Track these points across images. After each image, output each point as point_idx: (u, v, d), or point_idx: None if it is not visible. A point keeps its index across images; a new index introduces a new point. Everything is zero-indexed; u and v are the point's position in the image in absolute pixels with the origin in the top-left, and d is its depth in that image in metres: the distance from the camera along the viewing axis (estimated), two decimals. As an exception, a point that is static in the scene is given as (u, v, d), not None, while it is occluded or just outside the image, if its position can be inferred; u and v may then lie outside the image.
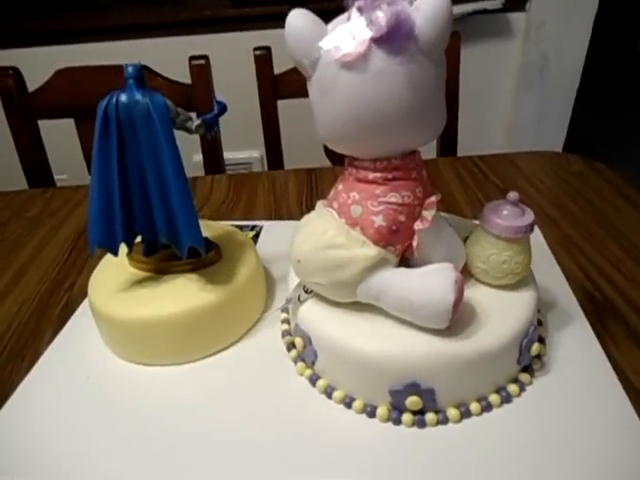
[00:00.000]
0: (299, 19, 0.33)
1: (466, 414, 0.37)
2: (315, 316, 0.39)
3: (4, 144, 0.94)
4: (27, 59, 1.01)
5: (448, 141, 0.92)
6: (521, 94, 1.45)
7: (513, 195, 0.39)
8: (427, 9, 0.31)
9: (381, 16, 0.30)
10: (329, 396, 0.39)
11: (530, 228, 0.38)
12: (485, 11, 1.32)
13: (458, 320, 0.36)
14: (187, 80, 0.86)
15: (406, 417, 0.37)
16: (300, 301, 0.41)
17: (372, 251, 0.36)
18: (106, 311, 0.42)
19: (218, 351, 0.44)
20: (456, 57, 0.86)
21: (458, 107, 0.90)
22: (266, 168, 0.96)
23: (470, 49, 1.36)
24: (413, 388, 0.36)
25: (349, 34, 0.31)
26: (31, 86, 0.86)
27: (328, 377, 0.40)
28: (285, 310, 0.47)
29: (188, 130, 0.40)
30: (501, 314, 0.38)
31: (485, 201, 0.67)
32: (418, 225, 0.36)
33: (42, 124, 0.89)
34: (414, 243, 0.37)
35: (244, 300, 0.46)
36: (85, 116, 0.87)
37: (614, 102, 2.47)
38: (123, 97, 0.37)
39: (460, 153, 0.91)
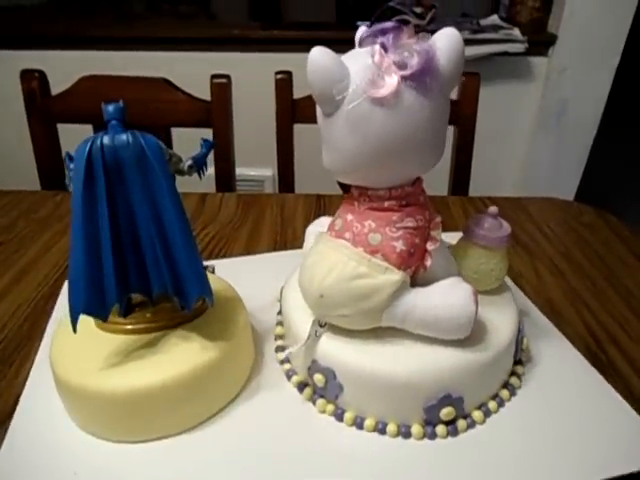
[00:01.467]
0: (324, 56, 0.33)
1: (487, 413, 0.40)
2: (337, 349, 0.39)
3: (22, 144, 0.95)
4: (53, 61, 1.03)
5: (461, 179, 0.92)
6: (537, 138, 1.45)
7: (493, 209, 0.43)
8: (446, 47, 0.33)
9: (413, 55, 0.32)
10: (360, 427, 0.39)
11: (510, 238, 0.44)
12: (507, 54, 1.33)
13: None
14: (207, 96, 0.87)
15: (440, 429, 0.38)
16: (317, 336, 0.40)
17: (396, 276, 0.36)
18: (79, 384, 0.36)
19: (217, 413, 0.40)
20: (475, 98, 0.87)
21: (473, 147, 0.90)
22: (277, 187, 0.96)
23: (490, 90, 1.37)
24: (446, 400, 0.37)
25: (378, 71, 0.33)
26: (54, 88, 0.88)
27: (355, 408, 0.39)
28: (280, 350, 0.46)
29: (180, 172, 0.37)
30: (498, 316, 0.42)
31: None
32: (430, 245, 0.38)
33: (60, 126, 0.90)
34: (427, 263, 0.38)
35: (238, 353, 0.42)
36: (104, 123, 0.88)
37: (631, 152, 2.47)
38: (107, 139, 0.32)
39: (472, 192, 0.91)
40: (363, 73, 0.33)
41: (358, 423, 0.39)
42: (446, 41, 0.33)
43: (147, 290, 0.38)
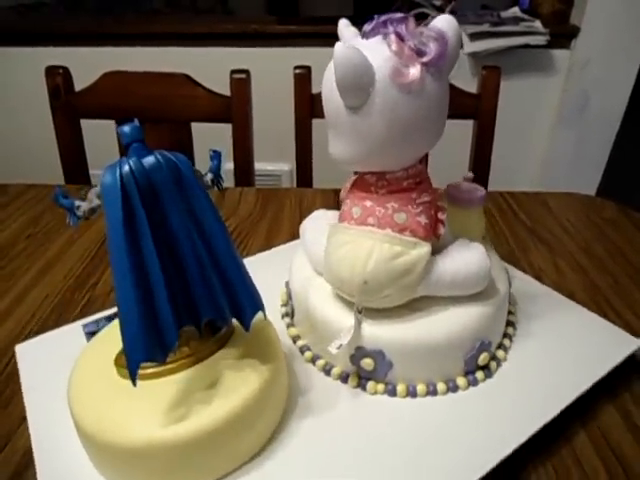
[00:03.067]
0: (350, 50, 0.33)
1: (506, 350, 0.46)
2: (382, 331, 0.40)
3: (46, 139, 0.97)
4: (76, 58, 1.05)
5: (480, 174, 0.91)
6: (559, 132, 1.43)
7: (469, 175, 0.48)
8: (450, 33, 0.35)
9: (429, 42, 0.34)
10: (413, 395, 0.41)
11: (484, 198, 0.49)
12: (528, 46, 1.31)
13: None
14: (226, 90, 0.88)
15: (479, 374, 0.42)
16: (359, 323, 0.41)
17: (425, 247, 0.39)
18: (114, 441, 0.32)
19: (272, 436, 0.37)
20: (495, 92, 0.86)
21: (493, 140, 0.89)
22: (295, 182, 0.97)
23: (510, 83, 1.35)
24: (482, 347, 0.42)
25: (400, 60, 0.34)
26: (78, 84, 0.90)
27: (405, 379, 0.41)
28: (306, 350, 0.45)
29: (206, 186, 0.35)
30: (494, 271, 0.44)
31: (511, 239, 0.67)
32: (441, 215, 0.42)
33: (84, 122, 0.92)
34: (441, 231, 0.41)
35: (278, 375, 0.38)
36: (125, 119, 0.90)
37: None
38: (136, 164, 0.28)
39: (492, 185, 0.90)
40: (385, 63, 0.34)
41: (411, 392, 0.41)
42: (448, 27, 0.35)
43: (197, 319, 0.34)
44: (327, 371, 0.43)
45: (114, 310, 0.46)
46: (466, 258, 0.41)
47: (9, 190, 0.79)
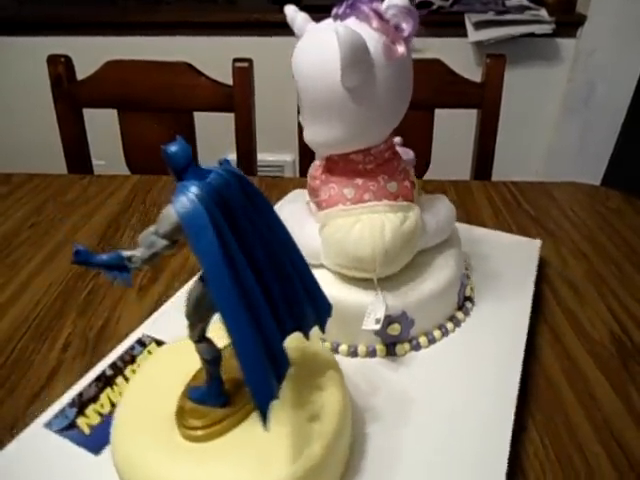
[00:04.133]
0: (350, 30, 0.34)
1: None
2: (399, 294, 0.43)
3: (48, 128, 0.97)
4: (78, 47, 1.04)
5: (484, 164, 0.90)
6: (564, 121, 1.42)
7: (398, 139, 0.48)
8: (405, 7, 0.37)
9: (405, 18, 0.36)
10: (432, 341, 0.44)
11: (414, 160, 0.50)
12: (534, 35, 1.30)
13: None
14: (228, 80, 0.87)
15: (468, 303, 0.49)
16: (382, 297, 0.42)
17: (416, 207, 0.43)
18: None
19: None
20: (500, 81, 0.85)
21: (497, 129, 0.88)
22: (297, 172, 0.96)
23: (515, 72, 1.34)
24: (463, 279, 0.48)
25: (386, 36, 0.36)
26: (80, 73, 0.89)
27: (424, 330, 0.45)
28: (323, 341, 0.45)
29: None
30: (446, 257, 0.47)
31: (515, 228, 0.67)
32: (411, 176, 0.45)
33: (87, 110, 0.92)
34: (415, 191, 0.45)
35: (345, 406, 0.33)
36: (128, 107, 0.89)
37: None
38: (205, 187, 0.24)
39: (496, 176, 0.90)
40: (374, 41, 0.36)
41: (430, 340, 0.45)
42: (407, 4, 0.37)
43: (283, 336, 0.29)
44: (353, 353, 0.44)
45: (74, 391, 0.39)
46: (439, 207, 0.47)
47: (12, 179, 0.79)
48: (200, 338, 0.29)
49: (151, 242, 0.24)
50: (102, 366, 0.41)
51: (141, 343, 0.43)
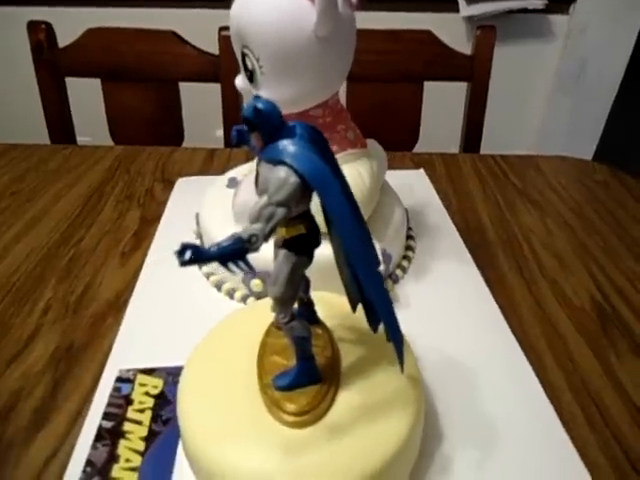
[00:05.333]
0: None
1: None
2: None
3: (31, 98, 0.95)
4: (61, 18, 1.01)
5: (473, 137, 0.90)
6: (555, 98, 1.41)
7: None
8: None
9: None
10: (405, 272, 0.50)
11: None
12: (526, 10, 1.28)
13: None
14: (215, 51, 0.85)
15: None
16: None
17: (368, 151, 0.45)
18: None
19: None
20: (490, 53, 0.84)
21: (486, 103, 0.87)
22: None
23: (507, 48, 1.33)
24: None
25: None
26: (62, 43, 0.87)
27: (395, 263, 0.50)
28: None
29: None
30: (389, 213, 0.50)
31: (501, 200, 0.67)
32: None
33: (70, 84, 0.90)
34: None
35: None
36: (112, 77, 0.87)
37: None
38: (307, 140, 0.23)
39: (485, 151, 0.89)
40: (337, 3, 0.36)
41: (403, 269, 0.50)
42: None
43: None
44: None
45: (77, 463, 0.32)
46: (377, 150, 0.49)
47: (-7, 149, 0.77)
48: (292, 316, 0.27)
49: (269, 214, 0.21)
50: (91, 424, 0.35)
51: (124, 380, 0.38)
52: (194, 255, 0.19)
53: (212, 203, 0.50)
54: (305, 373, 0.29)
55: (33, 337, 0.42)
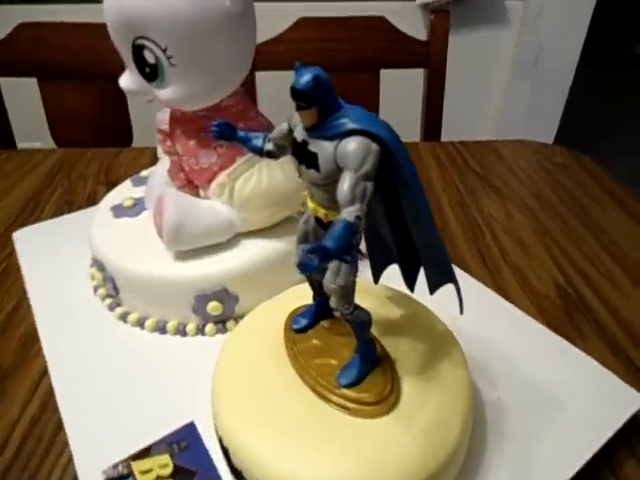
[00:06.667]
0: None
1: None
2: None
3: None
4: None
5: (432, 124, 0.88)
6: (514, 84, 1.42)
7: None
8: None
9: None
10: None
11: None
12: (482, -4, 1.28)
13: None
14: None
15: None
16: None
17: None
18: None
19: None
20: (445, 37, 0.82)
21: (444, 89, 0.86)
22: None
23: (463, 35, 1.33)
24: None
25: None
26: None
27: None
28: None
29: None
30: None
31: (461, 186, 0.65)
32: None
33: (7, 87, 0.84)
34: None
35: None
36: (50, 75, 0.82)
37: (608, 101, 2.45)
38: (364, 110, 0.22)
39: (446, 138, 0.88)
40: None
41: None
42: None
43: None
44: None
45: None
46: None
47: None
48: (356, 305, 0.26)
49: (362, 191, 0.20)
50: None
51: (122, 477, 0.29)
52: (322, 258, 0.18)
53: (107, 239, 0.42)
54: (366, 360, 0.28)
55: (-49, 363, 0.38)
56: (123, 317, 0.41)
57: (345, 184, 0.20)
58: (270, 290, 0.38)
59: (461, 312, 0.28)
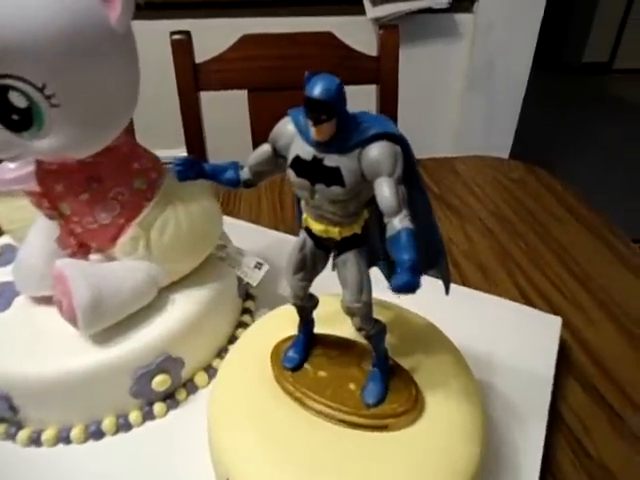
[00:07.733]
0: None
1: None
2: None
3: None
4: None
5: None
6: (468, 98, 1.42)
7: None
8: None
9: None
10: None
11: None
12: (432, 10, 1.27)
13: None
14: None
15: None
16: None
17: None
18: None
19: None
20: (395, 52, 0.80)
21: (397, 103, 0.83)
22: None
23: (415, 49, 1.32)
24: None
25: None
26: None
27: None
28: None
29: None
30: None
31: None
32: None
33: None
34: None
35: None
36: None
37: (561, 110, 2.52)
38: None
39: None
40: None
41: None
42: None
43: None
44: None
45: None
46: None
47: None
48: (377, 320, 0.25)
49: (402, 195, 0.20)
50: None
51: None
52: (418, 271, 0.18)
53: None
54: (384, 371, 0.27)
55: None
56: (33, 440, 0.31)
57: (386, 191, 0.19)
58: (215, 339, 0.35)
59: (447, 293, 0.27)
